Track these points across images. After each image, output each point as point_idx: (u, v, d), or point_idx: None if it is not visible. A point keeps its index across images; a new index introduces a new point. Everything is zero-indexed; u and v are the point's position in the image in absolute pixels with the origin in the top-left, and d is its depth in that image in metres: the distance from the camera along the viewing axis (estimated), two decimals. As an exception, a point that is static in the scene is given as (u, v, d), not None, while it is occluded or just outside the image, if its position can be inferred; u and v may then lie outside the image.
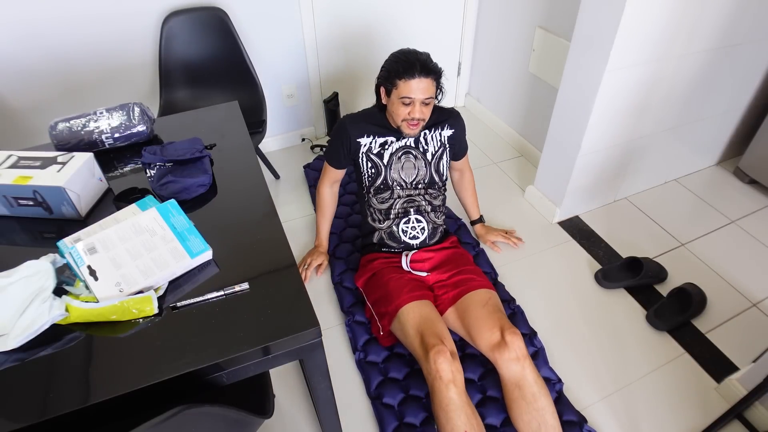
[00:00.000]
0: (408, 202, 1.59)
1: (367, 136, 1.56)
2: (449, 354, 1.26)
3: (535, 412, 1.25)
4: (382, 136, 1.56)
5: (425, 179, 1.60)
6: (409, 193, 1.59)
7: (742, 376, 1.41)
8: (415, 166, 1.58)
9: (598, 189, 2.07)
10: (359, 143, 1.57)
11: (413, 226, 1.59)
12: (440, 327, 1.36)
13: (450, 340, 1.34)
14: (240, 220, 1.05)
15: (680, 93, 1.89)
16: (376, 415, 1.40)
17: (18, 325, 0.80)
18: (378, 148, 1.57)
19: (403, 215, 1.59)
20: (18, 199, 1.03)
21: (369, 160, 1.58)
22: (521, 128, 2.51)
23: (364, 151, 1.57)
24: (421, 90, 1.40)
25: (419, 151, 1.58)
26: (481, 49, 2.65)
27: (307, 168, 2.38)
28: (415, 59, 1.39)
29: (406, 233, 1.59)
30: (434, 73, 1.41)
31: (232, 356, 0.79)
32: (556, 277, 1.84)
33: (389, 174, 1.58)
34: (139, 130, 1.26)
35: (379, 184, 1.59)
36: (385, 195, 1.60)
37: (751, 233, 2.02)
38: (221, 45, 2.01)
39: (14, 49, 1.82)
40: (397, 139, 1.56)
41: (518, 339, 1.30)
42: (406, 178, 1.58)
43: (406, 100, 1.41)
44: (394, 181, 1.58)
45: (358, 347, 1.56)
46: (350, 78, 2.53)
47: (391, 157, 1.57)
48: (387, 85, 1.45)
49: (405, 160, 1.57)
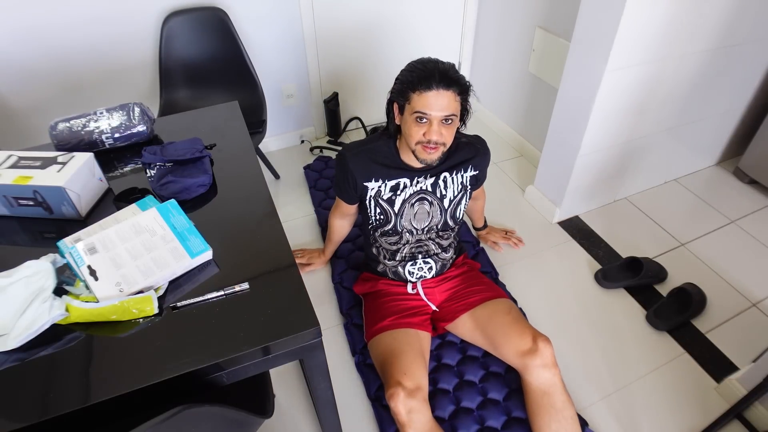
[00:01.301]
0: (417, 247, 1.43)
1: (375, 180, 1.33)
2: (404, 394, 1.18)
3: (564, 421, 1.23)
4: (393, 179, 1.32)
5: (438, 225, 1.41)
6: (419, 238, 1.42)
7: (742, 376, 1.41)
8: (429, 213, 1.37)
9: (598, 189, 2.07)
10: (366, 187, 1.34)
11: (420, 267, 1.46)
12: (407, 360, 1.27)
13: (416, 374, 1.24)
14: (240, 220, 1.05)
15: (680, 93, 1.89)
16: (376, 417, 1.40)
17: (18, 325, 0.80)
18: (389, 194, 1.34)
19: (410, 259, 1.45)
20: (18, 199, 1.03)
21: (378, 205, 1.36)
22: (521, 128, 2.51)
23: (372, 195, 1.35)
24: (439, 106, 1.13)
25: (436, 197, 1.36)
26: (481, 49, 2.65)
27: (307, 169, 2.38)
28: (434, 68, 1.13)
29: (413, 274, 1.47)
30: (457, 86, 1.14)
31: (232, 356, 0.79)
32: (556, 277, 1.84)
33: (399, 222, 1.38)
34: (139, 130, 1.26)
35: (388, 229, 1.40)
36: (392, 239, 1.42)
37: (751, 233, 2.02)
38: (221, 45, 2.01)
39: (14, 49, 1.82)
40: (411, 180, 1.33)
41: (549, 346, 1.28)
42: (418, 225, 1.39)
43: (421, 116, 1.15)
44: (404, 229, 1.39)
45: (357, 350, 1.56)
46: (350, 78, 2.53)
47: (403, 204, 1.35)
48: (400, 99, 1.19)
49: (418, 208, 1.36)
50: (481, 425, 1.36)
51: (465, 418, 1.36)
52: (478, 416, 1.38)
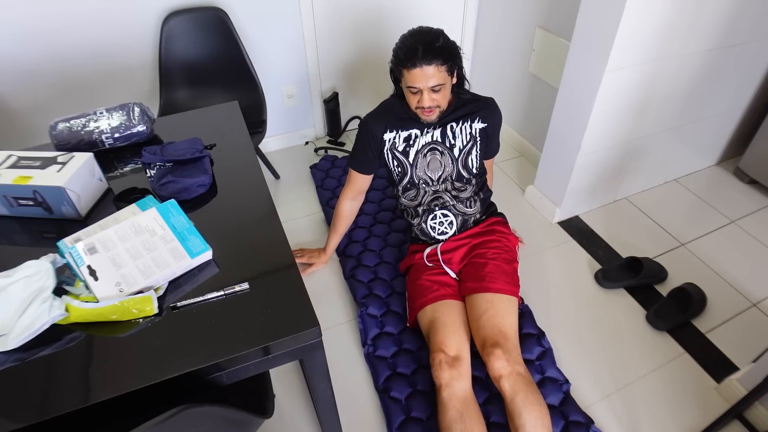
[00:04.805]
0: (434, 199, 1.53)
1: (390, 130, 1.48)
2: (446, 361, 1.28)
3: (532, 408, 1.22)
4: (406, 129, 1.47)
5: (452, 175, 1.50)
6: (435, 189, 1.52)
7: (742, 376, 1.41)
8: (441, 163, 1.48)
9: (598, 189, 2.07)
10: (384, 140, 1.49)
11: (440, 221, 1.53)
12: (448, 330, 1.35)
13: (456, 342, 1.33)
14: (240, 220, 1.05)
15: (680, 93, 1.89)
16: (384, 408, 1.41)
17: (18, 325, 0.80)
18: (402, 144, 1.49)
19: (429, 212, 1.54)
20: (18, 199, 1.03)
21: (395, 157, 1.51)
22: (521, 128, 2.51)
23: (389, 147, 1.50)
24: (426, 78, 1.28)
25: (446, 147, 1.47)
26: (481, 49, 2.65)
27: (313, 168, 2.39)
28: (417, 44, 1.26)
29: (435, 229, 1.55)
30: (440, 57, 1.26)
31: (232, 356, 0.79)
32: (556, 277, 1.84)
33: (415, 173, 1.51)
34: (139, 130, 1.26)
35: (406, 183, 1.53)
36: (411, 193, 1.54)
37: (751, 233, 2.02)
38: (221, 45, 2.01)
39: (14, 49, 1.82)
40: (421, 131, 1.47)
41: (504, 355, 1.26)
42: (432, 175, 1.50)
43: (413, 89, 1.32)
44: (420, 179, 1.51)
45: (367, 341, 1.57)
46: (351, 78, 2.53)
47: (416, 155, 1.49)
48: (395, 73, 1.37)
49: (431, 157, 1.48)
50: (487, 420, 1.36)
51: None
52: (484, 411, 1.38)
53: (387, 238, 1.96)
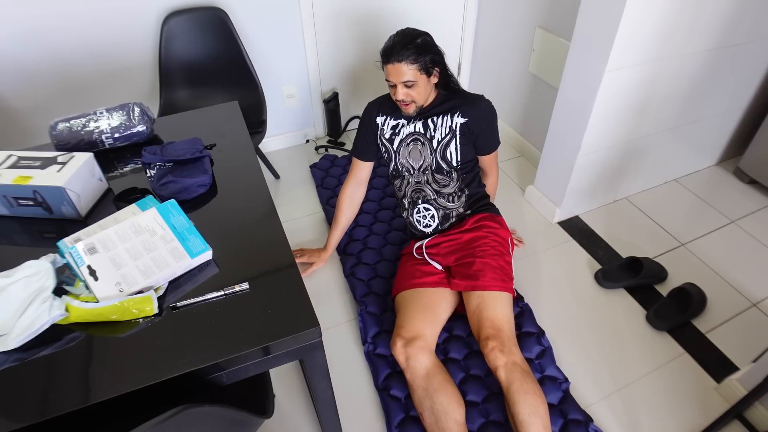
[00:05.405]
0: (416, 191, 1.59)
1: (382, 115, 1.58)
2: (400, 343, 1.34)
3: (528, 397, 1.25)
4: (395, 119, 1.57)
5: (432, 166, 1.55)
6: (417, 179, 1.58)
7: (742, 376, 1.41)
8: (421, 153, 1.55)
9: (598, 189, 2.07)
10: (377, 124, 1.59)
11: (423, 215, 1.59)
12: (410, 314, 1.41)
13: (416, 325, 1.38)
14: (240, 220, 1.05)
15: (680, 93, 1.89)
16: (383, 407, 1.41)
17: (18, 325, 0.80)
18: (389, 132, 1.58)
19: (413, 205, 1.60)
20: (18, 199, 1.03)
21: (383, 144, 1.60)
22: (521, 128, 2.51)
23: (380, 134, 1.60)
24: (398, 74, 1.38)
25: (426, 138, 1.54)
26: (481, 49, 2.65)
27: (313, 167, 2.39)
28: (394, 42, 1.38)
29: (420, 222, 1.61)
30: (411, 56, 1.36)
31: (232, 356, 0.79)
32: (556, 277, 1.84)
33: (398, 160, 1.59)
34: (139, 130, 1.26)
35: (392, 170, 1.63)
36: (398, 181, 1.63)
37: (751, 233, 2.02)
38: (221, 45, 2.01)
39: (14, 49, 1.82)
40: (408, 122, 1.55)
41: (494, 351, 1.30)
42: (414, 164, 1.57)
43: (389, 82, 1.43)
44: (403, 167, 1.59)
45: (368, 339, 1.57)
46: (351, 78, 2.53)
47: (400, 144, 1.57)
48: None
49: (413, 147, 1.56)
50: (486, 418, 1.37)
51: (471, 411, 1.37)
52: (484, 409, 1.39)
53: (387, 236, 1.96)
